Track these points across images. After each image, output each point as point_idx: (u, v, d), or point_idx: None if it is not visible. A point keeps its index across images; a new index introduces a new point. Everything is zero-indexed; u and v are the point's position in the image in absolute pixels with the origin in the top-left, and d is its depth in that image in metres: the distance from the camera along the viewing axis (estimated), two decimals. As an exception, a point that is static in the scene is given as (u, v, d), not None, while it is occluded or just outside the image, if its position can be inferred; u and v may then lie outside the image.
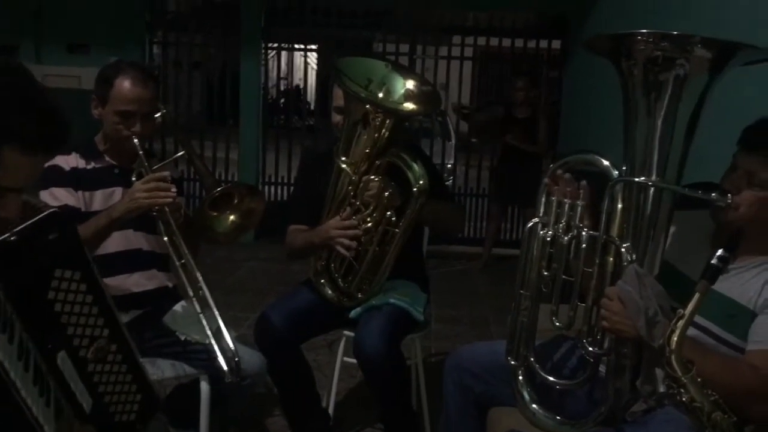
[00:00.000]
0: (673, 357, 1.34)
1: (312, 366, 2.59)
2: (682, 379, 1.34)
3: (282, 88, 10.86)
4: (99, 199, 2.16)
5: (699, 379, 1.34)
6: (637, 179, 1.57)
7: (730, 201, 1.54)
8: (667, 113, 1.52)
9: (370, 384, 2.34)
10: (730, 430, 1.31)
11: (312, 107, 11.26)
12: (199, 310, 2.04)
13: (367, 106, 2.22)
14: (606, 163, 1.65)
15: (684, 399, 1.33)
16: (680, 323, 1.36)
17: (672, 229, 1.66)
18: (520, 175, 5.40)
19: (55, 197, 2.07)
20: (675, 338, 1.34)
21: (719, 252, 1.38)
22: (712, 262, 1.38)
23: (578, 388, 1.74)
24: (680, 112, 1.53)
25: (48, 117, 1.10)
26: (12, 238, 1.11)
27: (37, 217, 1.18)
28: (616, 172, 1.62)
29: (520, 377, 1.79)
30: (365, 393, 3.12)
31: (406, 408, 2.47)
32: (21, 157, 1.07)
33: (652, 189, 1.57)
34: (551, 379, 1.76)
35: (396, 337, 2.31)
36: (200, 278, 2.07)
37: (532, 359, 1.77)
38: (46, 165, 2.02)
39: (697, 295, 1.37)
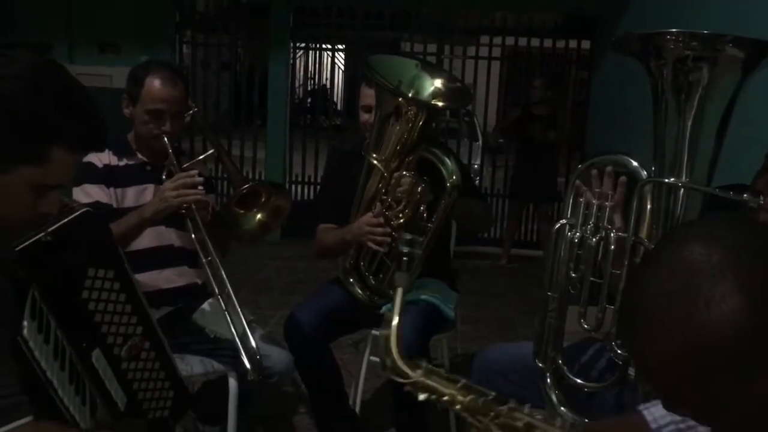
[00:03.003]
0: (396, 363, 1.18)
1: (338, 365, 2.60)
2: (417, 381, 1.17)
3: (309, 88, 10.91)
4: (131, 196, 2.20)
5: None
6: (666, 180, 1.55)
7: (762, 202, 1.52)
8: (697, 113, 1.51)
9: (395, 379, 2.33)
10: (488, 408, 1.18)
11: (339, 107, 11.30)
12: (224, 307, 2.07)
13: (400, 99, 2.23)
14: (635, 163, 1.63)
15: (432, 398, 1.15)
16: (393, 325, 1.21)
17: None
18: (535, 173, 5.65)
19: (88, 194, 2.10)
20: (392, 344, 1.19)
21: (405, 237, 1.26)
22: (401, 248, 1.25)
23: (607, 390, 1.73)
24: (711, 112, 1.51)
25: (90, 115, 1.13)
26: (47, 238, 1.13)
27: (71, 217, 1.20)
28: (645, 173, 1.60)
29: (548, 379, 1.78)
30: (390, 393, 3.13)
31: (420, 414, 2.44)
32: (66, 154, 1.10)
33: (682, 190, 1.55)
34: (579, 381, 1.74)
35: (427, 333, 2.31)
36: (225, 277, 2.09)
37: (560, 361, 1.76)
38: (79, 162, 2.08)
39: (399, 290, 1.25)
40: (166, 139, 2.15)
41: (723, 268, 0.80)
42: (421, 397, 1.15)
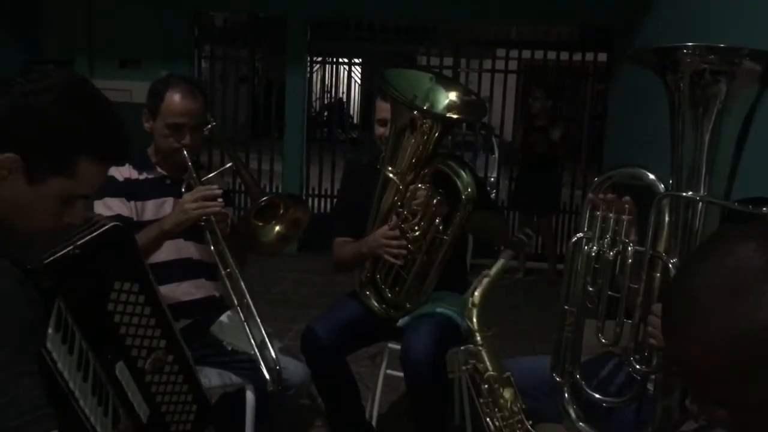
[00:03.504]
0: (475, 311, 1.37)
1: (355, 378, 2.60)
2: (479, 336, 1.32)
3: (326, 101, 10.98)
4: (151, 209, 2.22)
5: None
6: (684, 194, 1.55)
7: (782, 215, 1.51)
8: (714, 127, 1.50)
9: (412, 392, 2.34)
10: (513, 404, 1.26)
11: (355, 120, 11.35)
12: (243, 318, 2.08)
13: (415, 112, 2.24)
14: (652, 177, 1.62)
15: (478, 368, 1.31)
16: (485, 281, 1.42)
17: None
18: (537, 183, 5.73)
19: (109, 207, 2.13)
20: (478, 294, 1.38)
21: (526, 229, 1.52)
22: (519, 235, 1.53)
23: (626, 406, 1.72)
24: (729, 125, 1.50)
25: (115, 126, 1.16)
26: (75, 251, 1.15)
27: (98, 231, 1.22)
28: (663, 186, 1.60)
29: (566, 394, 1.77)
30: (407, 406, 3.12)
31: (440, 425, 2.43)
32: (93, 166, 1.13)
33: (701, 203, 1.55)
34: (597, 396, 1.73)
35: (443, 346, 2.31)
36: (244, 288, 2.11)
37: (577, 376, 1.75)
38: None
39: (501, 261, 1.49)
40: (185, 152, 2.17)
41: None
42: (466, 367, 1.32)
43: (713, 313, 0.82)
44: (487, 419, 1.26)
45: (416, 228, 2.29)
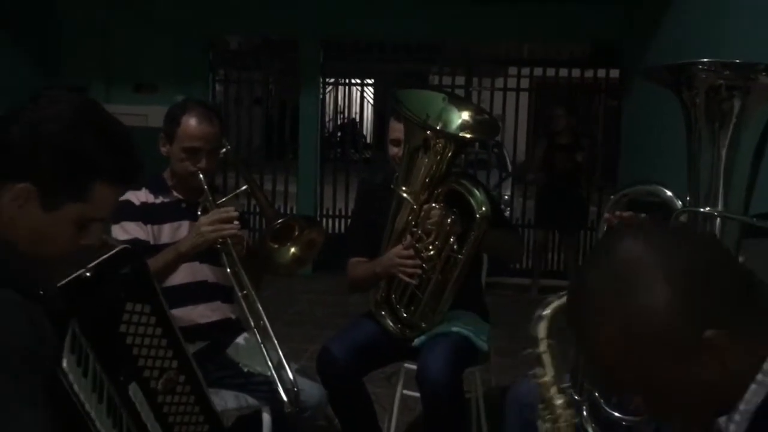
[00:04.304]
0: (543, 319, 1.48)
1: (371, 399, 2.58)
2: (543, 342, 1.43)
3: (339, 122, 11.04)
4: (167, 232, 2.23)
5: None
6: (702, 209, 1.54)
7: (800, 230, 1.50)
8: (731, 141, 1.49)
9: (428, 412, 2.32)
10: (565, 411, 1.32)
11: (368, 140, 11.40)
12: (260, 340, 2.08)
13: (428, 132, 2.25)
14: (669, 193, 1.62)
15: (537, 373, 1.38)
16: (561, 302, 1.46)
17: (740, 259, 1.61)
18: (560, 201, 5.71)
19: (126, 231, 2.15)
20: (551, 308, 1.47)
21: None
22: None
23: (645, 424, 1.69)
24: (746, 140, 1.49)
25: (128, 148, 1.17)
26: (87, 274, 1.15)
27: (110, 253, 1.23)
28: (680, 203, 1.59)
29: (585, 412, 1.75)
30: (424, 426, 3.09)
31: None
32: (108, 189, 1.13)
33: (718, 219, 1.53)
34: (617, 414, 1.71)
35: (459, 365, 2.30)
36: (261, 309, 2.11)
37: (596, 394, 1.73)
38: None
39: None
40: (201, 175, 2.19)
41: (653, 260, 0.90)
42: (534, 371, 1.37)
43: (603, 301, 0.91)
44: (539, 421, 1.33)
45: (431, 247, 2.29)
